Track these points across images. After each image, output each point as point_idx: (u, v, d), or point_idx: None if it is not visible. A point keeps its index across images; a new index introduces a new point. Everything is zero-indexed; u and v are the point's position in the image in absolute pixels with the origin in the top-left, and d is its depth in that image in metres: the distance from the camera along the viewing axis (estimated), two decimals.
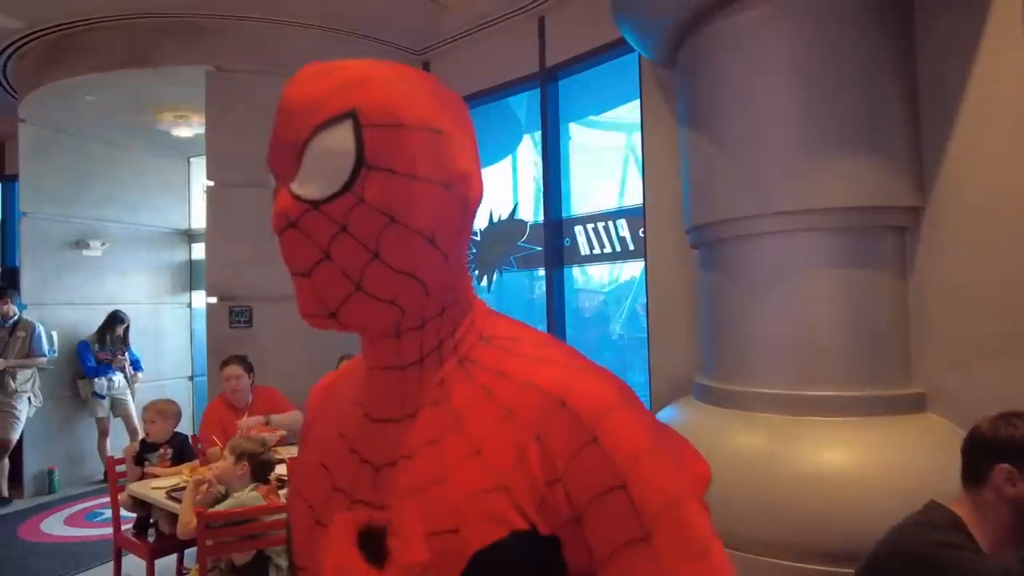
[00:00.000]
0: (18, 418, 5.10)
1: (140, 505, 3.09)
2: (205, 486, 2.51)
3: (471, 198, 0.64)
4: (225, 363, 3.67)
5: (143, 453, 3.31)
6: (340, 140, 0.57)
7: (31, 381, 5.23)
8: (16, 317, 5.21)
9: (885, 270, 2.63)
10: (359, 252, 0.58)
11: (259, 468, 2.61)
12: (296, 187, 0.58)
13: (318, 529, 0.65)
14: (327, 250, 0.58)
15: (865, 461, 2.40)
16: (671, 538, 0.55)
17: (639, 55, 3.71)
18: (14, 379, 5.09)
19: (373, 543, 0.60)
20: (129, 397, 5.77)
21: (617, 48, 3.94)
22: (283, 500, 2.59)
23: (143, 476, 3.24)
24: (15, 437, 5.11)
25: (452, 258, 0.63)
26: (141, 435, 3.61)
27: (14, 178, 5.81)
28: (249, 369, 3.66)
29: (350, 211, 0.57)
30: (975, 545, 1.38)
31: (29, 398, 5.20)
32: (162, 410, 3.36)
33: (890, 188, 2.58)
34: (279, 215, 0.58)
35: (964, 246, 2.49)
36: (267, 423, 3.39)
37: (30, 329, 5.21)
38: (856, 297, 2.59)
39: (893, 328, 2.62)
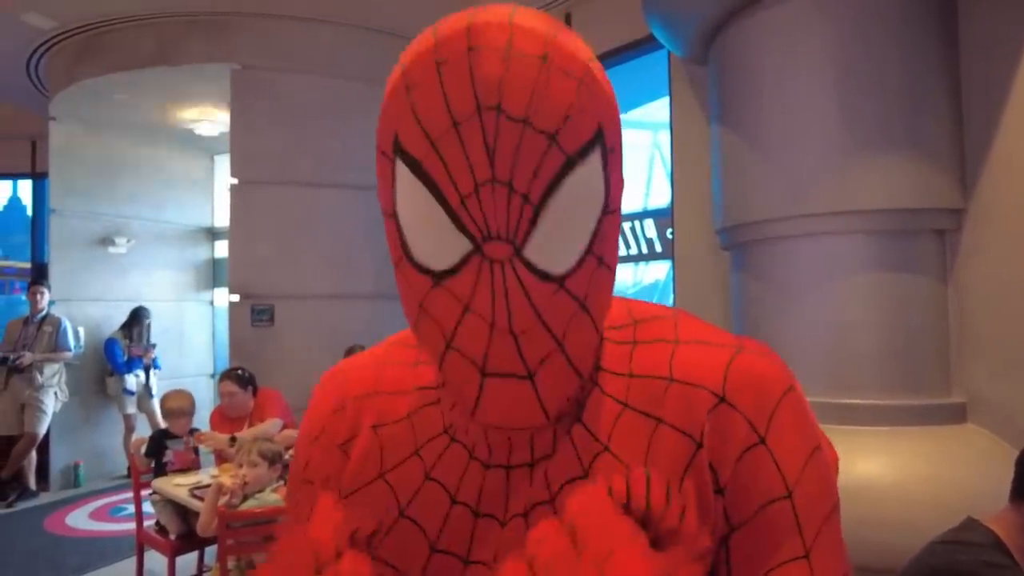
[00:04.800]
0: (45, 412, 5.17)
1: (178, 517, 3.07)
2: (228, 497, 2.49)
3: None
4: (221, 378, 3.62)
5: (163, 440, 3.33)
6: (592, 180, 0.41)
7: (57, 376, 5.30)
8: (44, 312, 5.28)
9: (924, 274, 2.54)
10: (590, 333, 0.45)
11: (285, 468, 2.62)
12: (536, 255, 0.41)
13: None
14: (563, 339, 0.44)
15: (902, 473, 2.31)
16: (826, 554, 0.48)
17: (668, 52, 3.64)
18: (41, 373, 5.16)
19: None
20: (151, 395, 5.82)
21: (645, 45, 3.87)
22: None
23: (164, 470, 3.25)
24: (42, 431, 5.18)
25: None
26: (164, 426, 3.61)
27: (46, 175, 5.90)
28: (246, 383, 3.55)
29: (591, 279, 0.43)
30: (1017, 566, 1.31)
31: (56, 393, 5.27)
32: (181, 408, 3.37)
33: (931, 189, 2.49)
34: (519, 299, 0.42)
35: (1007, 249, 2.40)
36: (231, 443, 3.27)
37: (56, 324, 5.28)
38: (894, 302, 2.51)
39: (932, 335, 2.53)
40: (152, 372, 5.87)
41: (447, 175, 0.40)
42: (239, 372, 3.60)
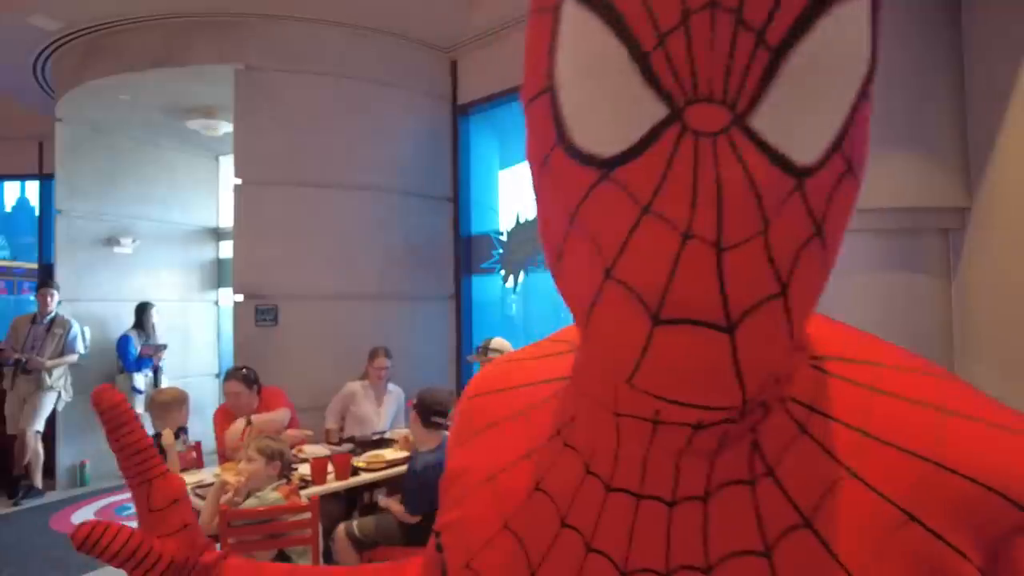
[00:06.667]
0: (43, 409, 5.17)
1: None
2: (230, 494, 2.51)
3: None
4: (226, 377, 3.64)
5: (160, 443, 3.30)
6: (856, 29, 0.28)
7: (63, 378, 5.35)
8: (52, 314, 5.31)
9: (928, 273, 2.52)
10: (823, 275, 0.31)
11: (286, 467, 2.62)
12: (768, 127, 0.27)
13: None
14: (788, 275, 0.29)
15: None
16: None
17: None
18: (50, 375, 5.22)
19: None
20: None
21: None
22: (304, 501, 2.57)
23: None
24: (33, 428, 5.12)
25: None
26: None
27: (53, 176, 5.95)
28: (251, 383, 3.58)
29: (832, 190, 0.29)
30: None
31: (60, 393, 5.32)
32: (170, 400, 3.35)
33: (935, 188, 2.48)
34: (740, 195, 0.27)
35: (1012, 248, 2.38)
36: (248, 424, 3.34)
37: (66, 327, 5.32)
38: (897, 300, 2.49)
39: (936, 334, 2.51)
40: (161, 372, 5.90)
41: (641, 4, 0.27)
42: (244, 372, 3.60)
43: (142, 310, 5.84)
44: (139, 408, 5.72)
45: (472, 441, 0.50)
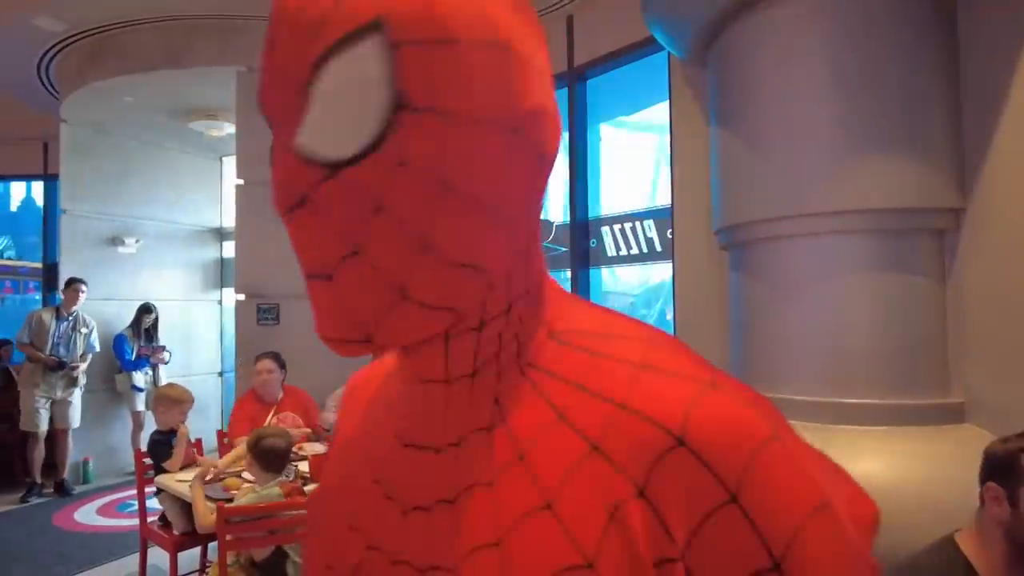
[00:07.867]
0: (76, 406, 5.37)
1: (184, 513, 3.08)
2: (207, 478, 2.57)
3: (548, 144, 0.43)
4: (259, 358, 3.77)
5: (160, 439, 3.30)
6: (364, 66, 0.37)
7: (84, 373, 5.46)
8: (76, 312, 5.36)
9: (923, 274, 2.53)
10: (403, 240, 0.39)
11: (265, 458, 2.58)
12: (305, 139, 0.39)
13: (330, 574, 0.50)
14: (357, 240, 0.39)
15: (899, 473, 2.31)
16: None
17: (668, 54, 3.65)
18: (84, 374, 5.36)
19: None
20: None
21: (647, 47, 3.89)
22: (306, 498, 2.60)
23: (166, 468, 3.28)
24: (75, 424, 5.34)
25: (522, 233, 0.44)
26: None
27: (57, 177, 5.99)
28: (282, 365, 3.75)
29: (386, 178, 0.38)
30: None
31: (81, 387, 5.44)
32: (173, 397, 3.36)
33: (929, 189, 2.49)
34: (281, 185, 0.40)
35: (1006, 249, 2.39)
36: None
37: (91, 326, 5.43)
38: (892, 302, 2.50)
39: (931, 334, 2.52)
40: (160, 369, 5.94)
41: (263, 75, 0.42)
42: (276, 353, 3.77)
43: (140, 312, 5.89)
44: (140, 406, 5.77)
45: (338, 436, 0.58)
